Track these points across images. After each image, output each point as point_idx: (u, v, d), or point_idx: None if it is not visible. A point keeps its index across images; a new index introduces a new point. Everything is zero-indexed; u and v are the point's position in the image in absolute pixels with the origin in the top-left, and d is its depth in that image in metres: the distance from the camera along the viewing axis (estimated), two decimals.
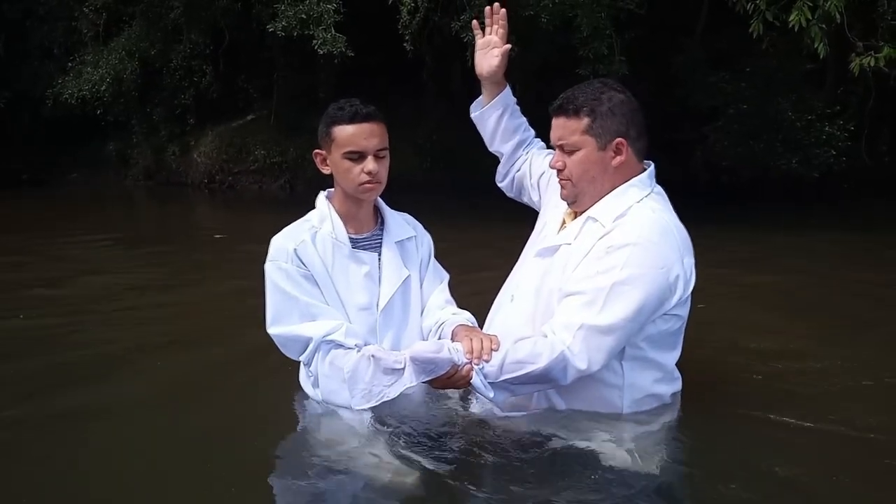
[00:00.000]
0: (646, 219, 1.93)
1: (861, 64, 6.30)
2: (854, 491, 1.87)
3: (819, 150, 8.98)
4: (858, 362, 2.89)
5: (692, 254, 1.99)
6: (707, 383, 2.45)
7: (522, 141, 2.42)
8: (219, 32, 11.85)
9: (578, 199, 2.03)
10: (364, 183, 2.01)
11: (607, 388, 1.99)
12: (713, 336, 3.11)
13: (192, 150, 13.71)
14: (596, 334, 1.86)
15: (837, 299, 4.14)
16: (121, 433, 2.27)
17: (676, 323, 1.99)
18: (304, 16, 7.99)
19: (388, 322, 2.10)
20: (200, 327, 3.59)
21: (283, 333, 2.03)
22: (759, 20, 6.32)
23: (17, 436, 2.27)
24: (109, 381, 2.77)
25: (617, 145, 1.97)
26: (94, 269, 5.30)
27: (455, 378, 1.85)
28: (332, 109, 2.05)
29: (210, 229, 8.63)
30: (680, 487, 1.86)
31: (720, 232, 6.36)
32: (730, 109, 9.28)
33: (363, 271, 2.08)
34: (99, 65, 11.50)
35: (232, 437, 2.21)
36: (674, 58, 9.68)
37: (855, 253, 5.83)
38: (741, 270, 5.10)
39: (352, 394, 1.89)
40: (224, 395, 2.59)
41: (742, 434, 2.14)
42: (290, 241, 2.05)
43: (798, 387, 2.61)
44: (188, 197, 12.40)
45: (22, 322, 3.65)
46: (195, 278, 5.07)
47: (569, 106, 1.98)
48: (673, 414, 2.08)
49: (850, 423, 2.25)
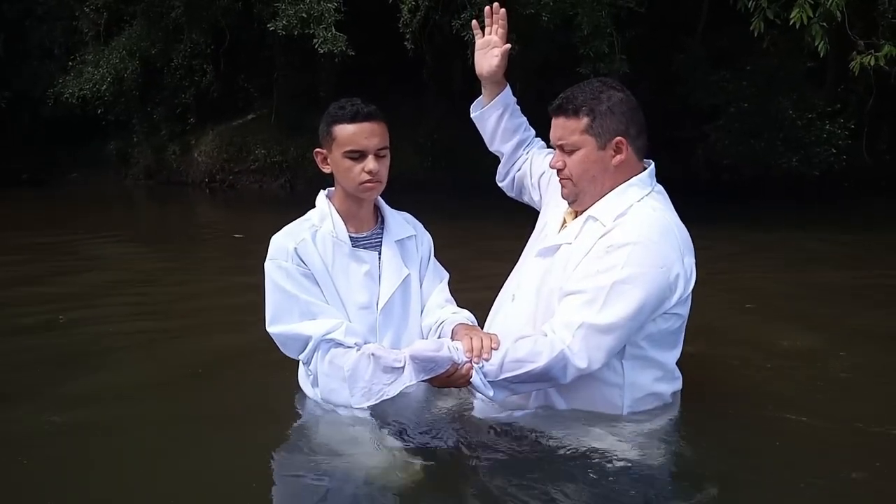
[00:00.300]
0: (646, 217, 1.93)
1: (861, 62, 6.29)
2: (855, 490, 1.87)
3: (820, 149, 8.99)
4: (859, 361, 2.88)
5: (693, 253, 1.99)
6: (708, 382, 2.45)
7: (523, 140, 2.42)
8: (219, 32, 11.85)
9: (579, 198, 2.03)
10: (364, 182, 2.01)
11: (607, 387, 1.98)
12: (714, 335, 3.11)
13: (192, 150, 13.72)
14: (596, 333, 1.85)
15: (838, 298, 4.14)
16: (118, 430, 2.27)
17: (677, 322, 1.99)
18: (304, 15, 7.99)
19: (387, 321, 2.10)
20: (199, 326, 3.58)
21: (282, 332, 2.03)
22: (760, 18, 6.32)
23: (17, 425, 2.30)
24: (106, 379, 2.76)
25: (617, 144, 1.97)
26: (92, 268, 5.31)
27: (455, 377, 1.85)
28: (333, 108, 2.05)
29: (210, 228, 8.64)
30: (680, 486, 1.86)
31: (721, 230, 6.36)
32: (731, 108, 9.29)
33: (363, 270, 2.08)
34: (100, 64, 11.51)
35: (231, 435, 2.21)
36: (674, 56, 9.68)
37: (856, 252, 5.82)
38: (742, 268, 5.10)
39: (351, 392, 1.89)
40: (223, 393, 2.59)
41: (743, 433, 2.14)
42: (290, 240, 2.05)
43: (799, 386, 2.61)
44: (188, 196, 12.41)
45: (24, 319, 3.66)
46: (194, 277, 5.07)
47: (568, 106, 1.98)
48: (673, 413, 2.07)
49: (852, 421, 2.25)
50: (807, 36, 6.13)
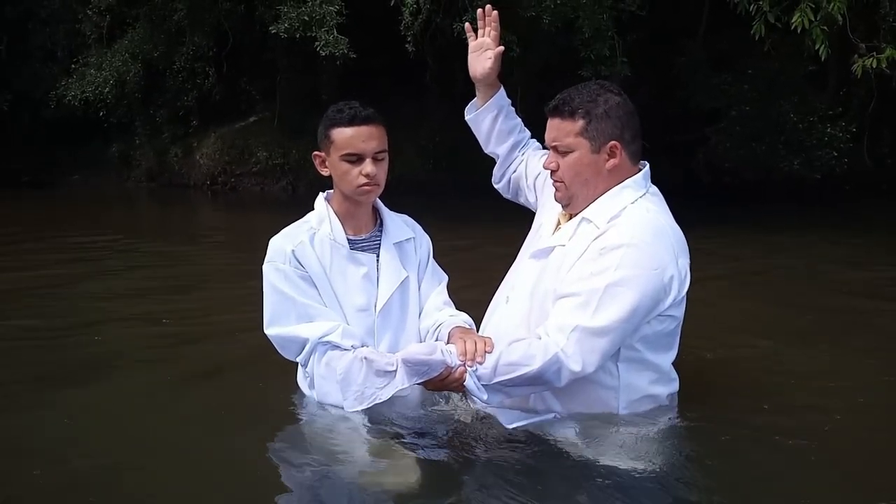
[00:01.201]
0: (640, 219, 1.93)
1: (864, 65, 6.29)
2: (854, 490, 1.87)
3: (821, 152, 8.98)
4: (858, 363, 2.88)
5: (687, 254, 1.99)
6: (704, 384, 2.45)
7: (518, 142, 2.42)
8: (222, 34, 11.87)
9: (572, 201, 2.04)
10: (362, 185, 2.02)
11: (603, 390, 1.98)
12: (711, 337, 3.10)
13: (194, 152, 13.73)
14: (590, 336, 1.85)
15: (838, 301, 4.13)
16: (117, 429, 2.28)
17: (672, 324, 1.99)
18: (306, 18, 8.00)
19: (385, 323, 2.10)
20: (199, 326, 3.58)
21: (279, 334, 2.04)
22: (761, 22, 6.32)
23: (20, 427, 2.31)
24: (107, 378, 2.77)
25: (611, 148, 1.97)
26: (90, 269, 5.30)
27: (448, 380, 1.85)
28: (331, 112, 2.06)
29: (212, 230, 8.65)
30: (676, 488, 1.85)
31: (722, 233, 6.36)
32: (732, 111, 9.29)
33: (361, 272, 2.09)
34: (102, 67, 11.54)
35: (229, 435, 2.21)
36: (675, 59, 9.68)
37: (857, 255, 5.81)
38: (742, 271, 5.10)
39: (344, 395, 1.90)
40: (222, 393, 2.59)
41: (740, 435, 2.13)
42: (288, 243, 2.06)
43: (797, 388, 2.60)
44: (190, 199, 12.42)
45: (24, 321, 3.67)
46: (194, 278, 5.07)
47: (564, 107, 1.98)
48: (669, 415, 2.07)
49: (850, 423, 2.25)
50: (808, 39, 6.13)
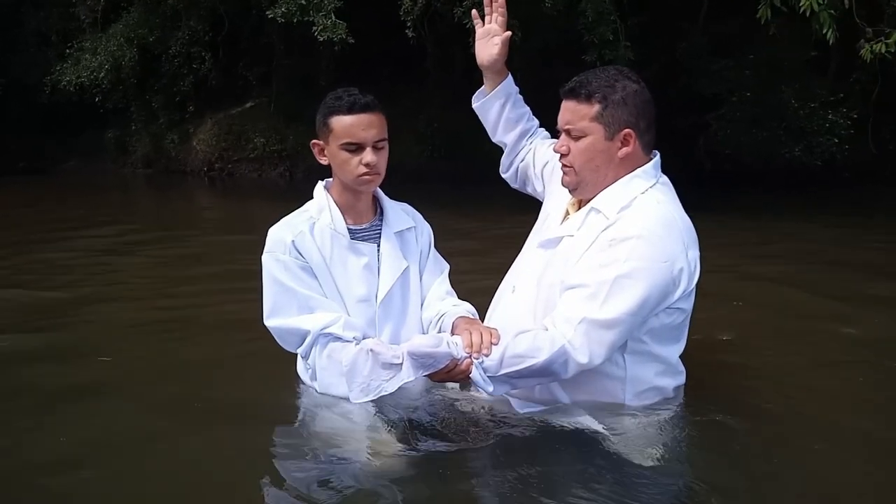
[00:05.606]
0: (650, 210, 1.90)
1: (872, 50, 6.22)
2: (857, 487, 1.85)
3: (822, 139, 8.93)
4: (863, 353, 2.86)
5: (697, 246, 1.95)
6: (711, 376, 2.43)
7: (526, 131, 2.38)
8: (218, 19, 11.79)
9: (580, 187, 1.99)
10: (362, 174, 1.98)
11: (610, 381, 1.97)
12: (717, 328, 3.08)
13: (191, 138, 13.67)
14: (597, 328, 1.83)
15: (842, 289, 4.10)
16: (118, 417, 2.28)
17: (680, 316, 1.96)
18: (303, 2, 7.92)
19: (387, 314, 2.07)
20: (198, 316, 3.57)
21: (280, 326, 2.01)
22: (767, 6, 6.25)
23: (16, 410, 2.33)
24: (107, 365, 2.77)
25: (625, 136, 1.93)
26: (87, 259, 5.28)
27: (454, 372, 1.82)
28: (329, 99, 2.01)
29: (210, 217, 8.61)
30: (681, 480, 1.84)
31: (723, 220, 6.33)
32: (733, 97, 9.22)
33: (362, 263, 2.06)
34: (97, 51, 11.47)
35: (230, 425, 2.20)
36: (677, 45, 9.60)
37: (859, 242, 5.79)
38: (745, 260, 5.07)
39: (350, 387, 1.87)
40: (223, 383, 2.58)
41: (746, 428, 2.12)
42: (287, 233, 2.03)
43: (803, 379, 2.58)
44: (187, 185, 12.37)
45: (21, 302, 3.64)
46: (193, 266, 5.05)
47: (581, 90, 1.93)
48: (676, 407, 2.05)
49: (856, 416, 2.23)
50: (814, 23, 6.07)
